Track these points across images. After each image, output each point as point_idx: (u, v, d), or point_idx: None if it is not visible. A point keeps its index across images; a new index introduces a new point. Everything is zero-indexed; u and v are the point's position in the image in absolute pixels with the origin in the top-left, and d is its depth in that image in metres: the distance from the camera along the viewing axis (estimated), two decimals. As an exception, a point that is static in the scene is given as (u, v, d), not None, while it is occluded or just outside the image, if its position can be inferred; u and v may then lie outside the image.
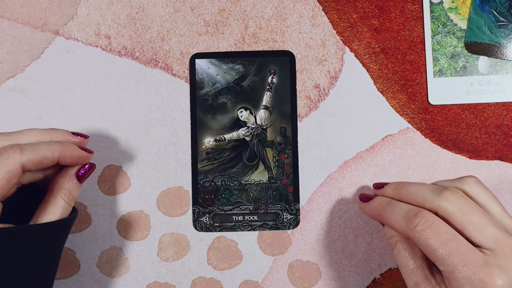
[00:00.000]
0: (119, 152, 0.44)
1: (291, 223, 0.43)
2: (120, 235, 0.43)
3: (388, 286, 0.43)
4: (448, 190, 0.34)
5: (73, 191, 0.38)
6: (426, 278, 0.35)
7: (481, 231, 0.32)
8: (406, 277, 0.36)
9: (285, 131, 0.44)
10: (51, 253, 0.37)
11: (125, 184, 0.44)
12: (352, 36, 0.44)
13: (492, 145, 0.44)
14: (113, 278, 0.43)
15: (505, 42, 0.43)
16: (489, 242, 0.32)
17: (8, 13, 0.44)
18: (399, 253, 0.37)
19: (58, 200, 0.37)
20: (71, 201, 0.37)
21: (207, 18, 0.45)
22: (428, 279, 0.35)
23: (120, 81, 0.44)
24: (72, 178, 0.38)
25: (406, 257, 0.37)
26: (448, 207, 0.33)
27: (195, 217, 0.43)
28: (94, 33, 0.44)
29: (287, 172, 0.44)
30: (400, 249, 0.37)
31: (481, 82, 0.44)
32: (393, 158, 0.44)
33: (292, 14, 0.44)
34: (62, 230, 0.37)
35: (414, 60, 0.44)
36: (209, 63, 0.44)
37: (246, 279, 0.43)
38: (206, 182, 0.43)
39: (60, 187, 0.37)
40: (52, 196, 0.37)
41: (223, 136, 0.44)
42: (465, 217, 0.33)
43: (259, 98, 0.44)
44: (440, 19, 0.44)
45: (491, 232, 0.32)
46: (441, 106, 0.44)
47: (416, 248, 0.37)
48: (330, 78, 0.44)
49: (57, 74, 0.44)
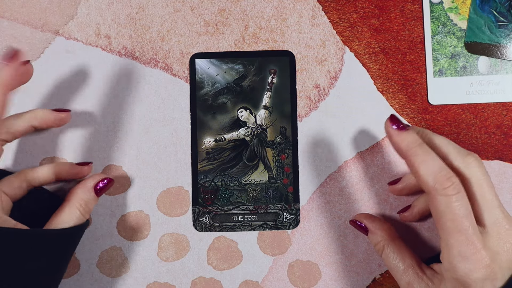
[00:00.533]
0: (119, 152, 0.44)
1: (291, 223, 0.43)
2: (120, 235, 0.43)
3: (388, 286, 0.43)
4: (472, 156, 0.34)
5: (89, 203, 0.39)
6: (418, 276, 0.36)
7: (489, 209, 0.33)
8: (398, 278, 0.37)
9: (285, 131, 0.44)
10: (60, 259, 0.37)
11: (125, 184, 0.44)
12: (352, 36, 0.44)
13: (492, 145, 0.44)
14: (113, 278, 0.43)
15: (505, 42, 0.43)
16: (490, 221, 0.33)
17: (8, 13, 0.44)
18: (388, 257, 0.38)
19: (74, 210, 0.38)
20: (86, 212, 0.39)
21: (207, 18, 0.45)
22: (420, 277, 0.35)
23: (120, 81, 0.44)
24: (90, 190, 0.39)
25: (395, 259, 0.37)
26: (468, 173, 0.33)
27: (195, 217, 0.43)
28: (94, 33, 0.44)
29: (287, 172, 0.44)
30: (389, 252, 0.38)
31: (481, 82, 0.44)
32: (393, 158, 0.44)
33: (292, 14, 0.44)
34: (73, 238, 0.38)
35: (414, 60, 0.44)
36: (209, 63, 0.44)
37: (246, 279, 0.43)
38: (206, 182, 0.43)
39: (77, 197, 0.39)
40: (68, 206, 0.38)
41: (223, 136, 0.44)
42: (480, 190, 0.33)
43: (259, 98, 0.44)
44: (440, 19, 0.44)
45: (495, 212, 0.33)
46: (441, 106, 0.44)
47: (404, 249, 0.38)
48: (330, 78, 0.44)
49: (57, 74, 0.44)
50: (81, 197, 0.39)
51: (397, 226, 0.43)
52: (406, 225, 0.43)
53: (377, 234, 0.39)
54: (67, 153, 0.43)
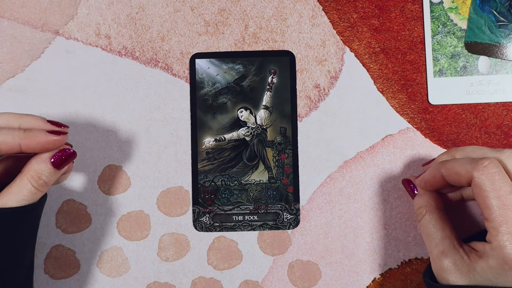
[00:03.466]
0: (119, 152, 0.44)
1: (291, 223, 0.43)
2: (120, 235, 0.43)
3: (388, 286, 0.43)
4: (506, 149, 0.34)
5: (43, 175, 0.34)
6: (454, 247, 0.35)
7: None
8: (433, 246, 0.36)
9: (285, 131, 0.44)
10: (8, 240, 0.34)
11: (125, 184, 0.44)
12: (352, 36, 0.44)
13: (492, 145, 0.44)
14: (113, 278, 0.43)
15: (505, 42, 0.43)
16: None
17: (8, 13, 0.44)
18: (428, 223, 0.37)
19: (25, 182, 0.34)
20: (40, 185, 0.34)
21: (207, 18, 0.45)
22: (456, 249, 0.35)
23: (120, 81, 0.44)
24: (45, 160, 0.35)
25: (435, 226, 0.37)
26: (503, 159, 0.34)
27: (195, 217, 0.43)
28: (94, 33, 0.44)
29: (287, 172, 0.44)
30: (430, 219, 0.37)
31: (481, 82, 0.44)
32: (393, 158, 0.44)
33: (292, 14, 0.44)
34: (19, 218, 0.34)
35: (414, 60, 0.44)
36: (209, 63, 0.44)
37: (246, 279, 0.43)
38: (206, 182, 0.43)
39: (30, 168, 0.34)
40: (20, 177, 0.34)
41: (223, 136, 0.44)
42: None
43: (259, 98, 0.44)
44: (440, 19, 0.44)
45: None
46: (441, 106, 0.44)
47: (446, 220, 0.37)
48: (330, 78, 0.44)
49: (57, 74, 0.44)
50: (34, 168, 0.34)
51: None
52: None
53: (423, 198, 0.39)
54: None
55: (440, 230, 0.36)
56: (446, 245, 0.35)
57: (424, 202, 0.38)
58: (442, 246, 0.36)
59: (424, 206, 0.38)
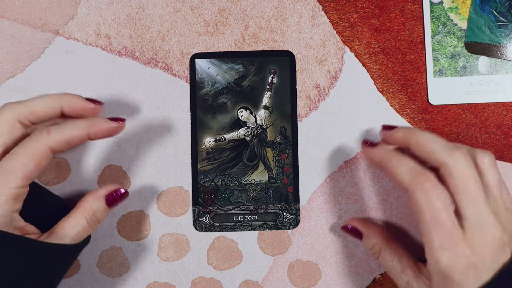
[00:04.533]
0: (119, 152, 0.44)
1: (291, 223, 0.43)
2: (120, 235, 0.43)
3: (388, 286, 0.43)
4: (459, 151, 0.34)
5: (98, 213, 0.36)
6: (416, 276, 0.36)
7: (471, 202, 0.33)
8: (397, 279, 0.37)
9: (285, 131, 0.44)
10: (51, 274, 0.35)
11: (125, 184, 0.44)
12: (352, 36, 0.44)
13: (492, 145, 0.44)
14: (113, 278, 0.43)
15: (505, 42, 0.43)
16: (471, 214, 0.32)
17: (8, 13, 0.44)
18: (385, 259, 0.38)
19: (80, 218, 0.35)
20: (93, 222, 0.36)
21: (207, 18, 0.45)
22: (418, 276, 0.36)
23: (120, 81, 0.44)
24: (101, 199, 0.36)
25: (393, 260, 0.38)
26: (452, 166, 0.33)
27: (195, 217, 0.43)
28: (94, 33, 0.44)
29: (287, 172, 0.44)
30: (385, 255, 0.38)
31: (481, 82, 0.44)
32: (393, 158, 0.44)
33: (292, 14, 0.44)
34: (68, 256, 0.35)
35: (414, 60, 0.44)
36: (209, 63, 0.44)
37: (246, 279, 0.43)
38: (206, 182, 0.43)
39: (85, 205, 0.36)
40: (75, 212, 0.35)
41: (223, 136, 0.44)
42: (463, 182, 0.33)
43: (259, 98, 0.44)
44: (440, 19, 0.44)
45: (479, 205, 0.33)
46: (441, 106, 0.44)
47: (401, 250, 0.38)
48: (330, 78, 0.44)
49: (57, 74, 0.44)
50: (90, 205, 0.36)
51: (391, 228, 0.43)
52: (400, 226, 0.43)
53: (372, 238, 0.40)
54: (67, 153, 0.43)
55: (398, 262, 0.37)
56: (409, 276, 0.36)
57: (374, 241, 0.39)
58: (405, 278, 0.36)
59: (375, 244, 0.39)
